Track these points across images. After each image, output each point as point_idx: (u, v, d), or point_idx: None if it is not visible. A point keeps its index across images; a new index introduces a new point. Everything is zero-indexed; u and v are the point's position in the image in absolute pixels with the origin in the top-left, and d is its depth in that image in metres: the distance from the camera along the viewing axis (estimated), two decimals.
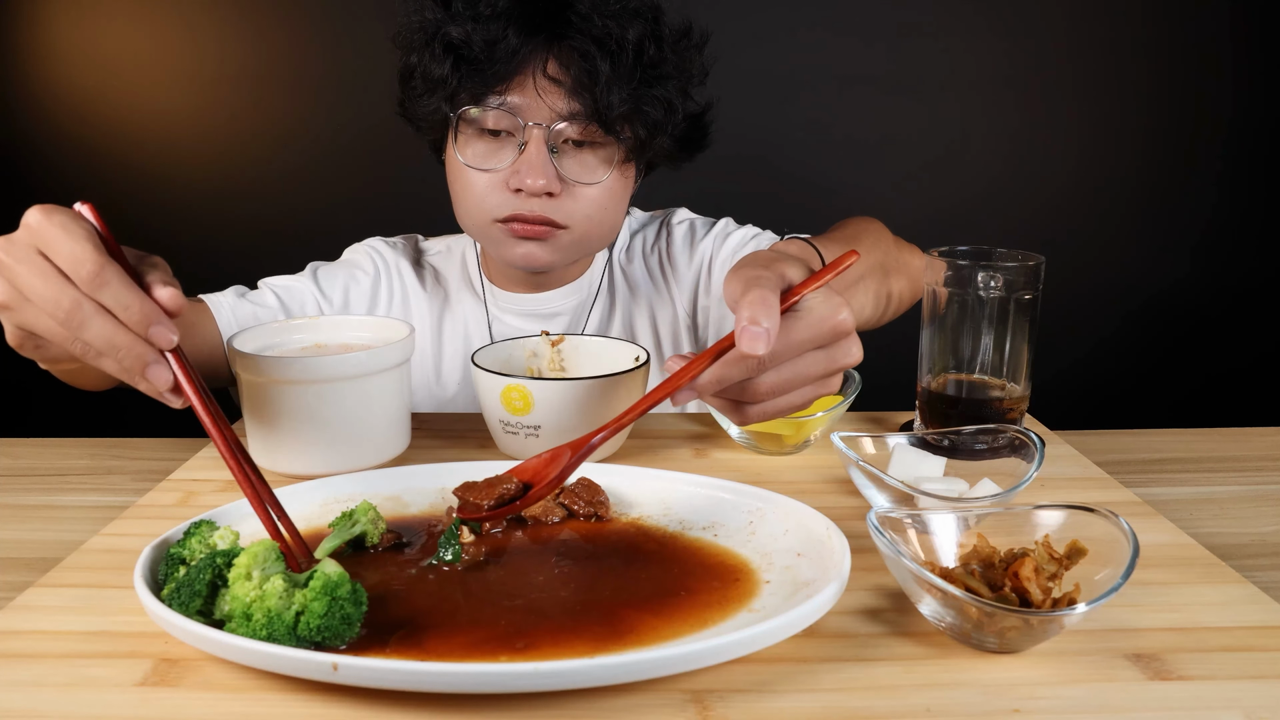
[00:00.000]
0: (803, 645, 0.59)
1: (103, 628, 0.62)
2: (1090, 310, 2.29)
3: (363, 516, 0.69)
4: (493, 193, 1.09)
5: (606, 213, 1.13)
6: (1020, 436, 0.78)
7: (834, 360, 0.71)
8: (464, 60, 1.05)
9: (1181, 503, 0.87)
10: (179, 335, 0.70)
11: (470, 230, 1.16)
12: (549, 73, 1.05)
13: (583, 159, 1.10)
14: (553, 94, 1.06)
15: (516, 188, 1.07)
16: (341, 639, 0.57)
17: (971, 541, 0.64)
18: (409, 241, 1.33)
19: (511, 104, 1.06)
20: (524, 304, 1.24)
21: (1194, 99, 2.22)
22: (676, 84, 1.09)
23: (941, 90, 2.21)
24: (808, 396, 0.72)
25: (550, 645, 0.58)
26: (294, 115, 2.20)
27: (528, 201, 1.08)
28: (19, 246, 0.69)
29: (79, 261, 0.67)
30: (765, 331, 0.64)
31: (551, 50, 1.05)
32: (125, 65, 2.18)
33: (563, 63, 1.05)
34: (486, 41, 1.03)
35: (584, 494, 0.76)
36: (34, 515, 0.87)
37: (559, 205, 1.09)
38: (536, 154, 1.06)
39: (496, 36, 1.03)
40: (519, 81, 1.06)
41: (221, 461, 0.90)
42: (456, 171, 1.12)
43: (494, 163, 1.09)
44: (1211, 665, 0.58)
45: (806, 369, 0.70)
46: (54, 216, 0.69)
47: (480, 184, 1.10)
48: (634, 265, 1.30)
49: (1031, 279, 0.86)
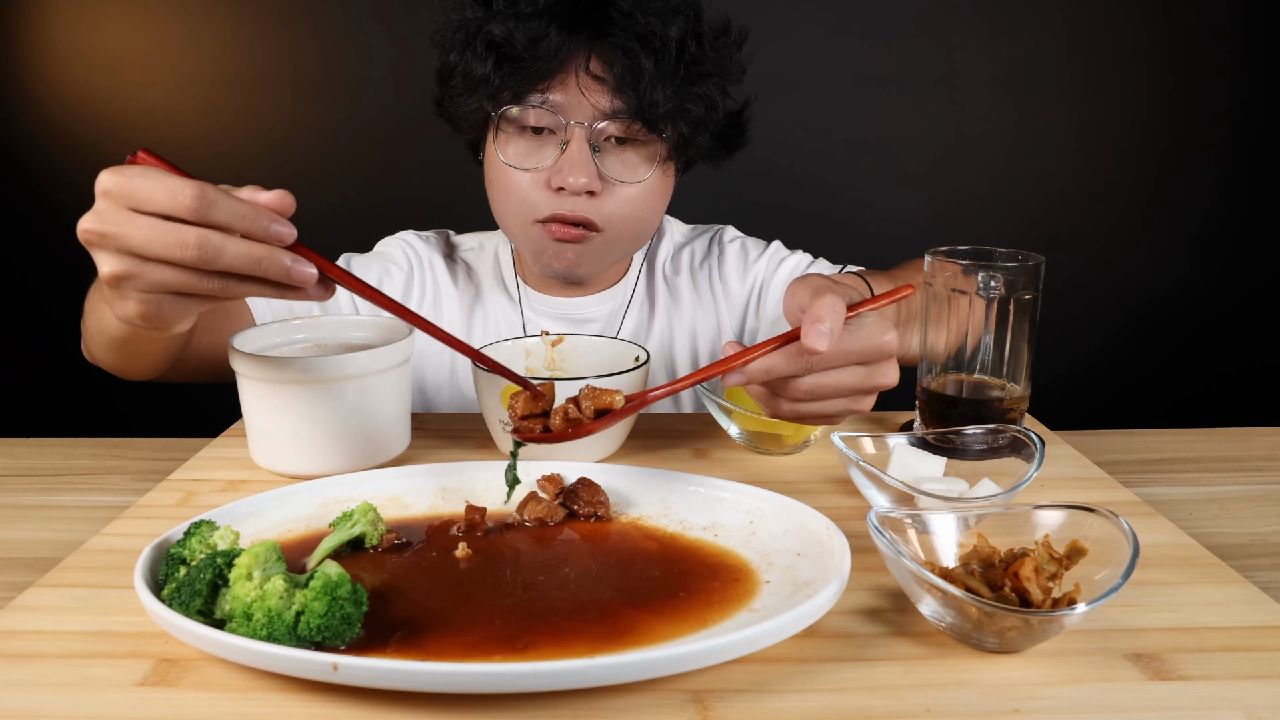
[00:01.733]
0: (803, 645, 0.59)
1: (103, 628, 0.62)
2: (1090, 310, 2.29)
3: (362, 517, 0.69)
4: (534, 191, 1.08)
5: (644, 212, 1.12)
6: (1020, 436, 0.78)
7: (872, 377, 0.75)
8: (506, 58, 1.04)
9: (1181, 503, 0.87)
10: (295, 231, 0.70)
11: (510, 230, 1.15)
12: (592, 70, 1.05)
13: (624, 158, 1.09)
14: (595, 92, 1.05)
15: (559, 186, 1.06)
16: (341, 639, 0.57)
17: (971, 541, 0.64)
18: (441, 236, 1.33)
19: (554, 102, 1.05)
20: (558, 307, 1.24)
21: (1193, 99, 2.22)
22: (717, 81, 1.09)
23: (941, 90, 2.21)
24: (840, 408, 0.77)
25: (550, 645, 0.58)
26: (295, 114, 2.20)
27: (568, 200, 1.07)
28: (110, 212, 0.67)
29: (177, 194, 0.65)
30: (829, 331, 0.70)
31: (594, 48, 1.05)
32: (125, 65, 2.18)
33: (605, 60, 1.04)
34: (529, 39, 1.02)
35: (584, 494, 0.76)
36: (34, 515, 0.87)
37: (599, 205, 1.08)
38: (579, 152, 1.05)
39: (539, 34, 1.02)
40: (561, 79, 1.05)
41: (222, 461, 0.91)
42: (496, 171, 1.11)
43: (535, 161, 1.08)
44: (1211, 665, 0.58)
45: (845, 380, 0.75)
46: (126, 171, 0.67)
47: (522, 183, 1.09)
48: (680, 277, 1.29)
49: (1031, 279, 0.86)
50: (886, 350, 0.75)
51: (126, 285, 0.69)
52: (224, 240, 0.66)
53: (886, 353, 0.75)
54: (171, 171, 0.67)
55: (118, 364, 1.01)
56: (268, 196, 0.70)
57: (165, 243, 0.66)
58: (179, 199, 0.65)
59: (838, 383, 0.75)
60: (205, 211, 0.66)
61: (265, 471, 0.88)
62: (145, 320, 0.72)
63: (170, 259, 0.66)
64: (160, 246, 0.66)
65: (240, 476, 0.87)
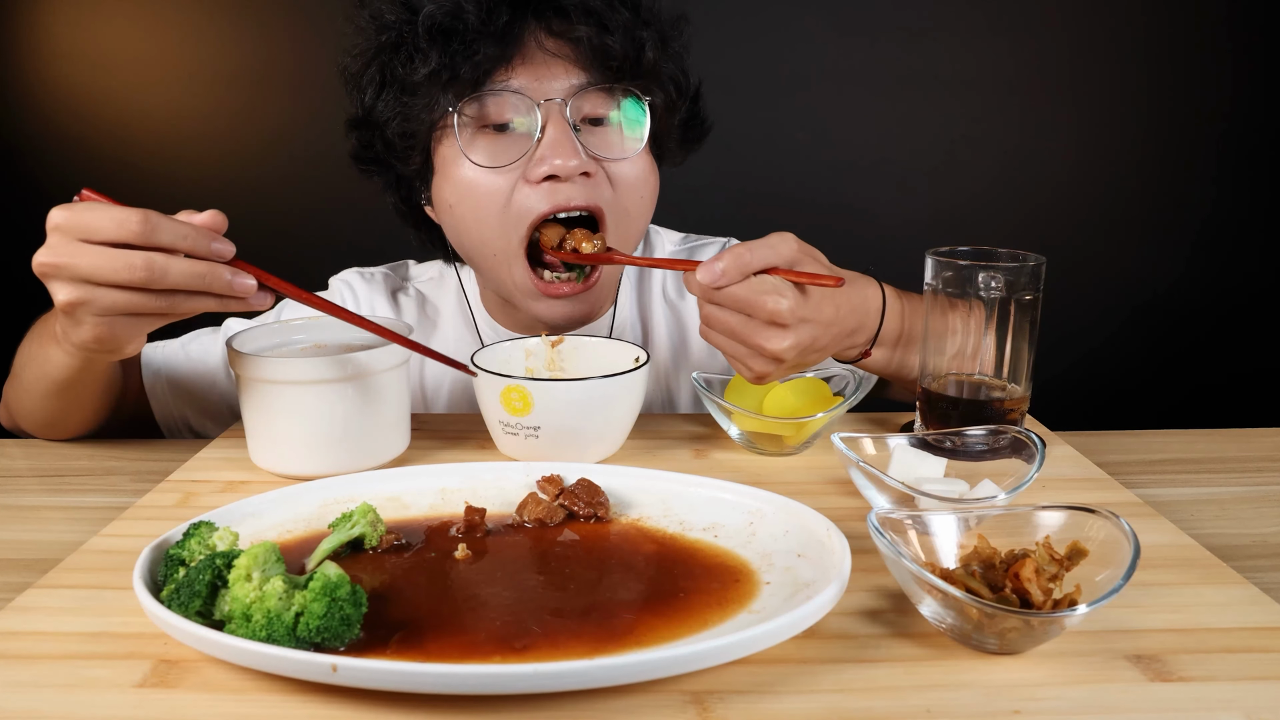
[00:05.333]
0: (803, 646, 0.59)
1: (102, 629, 0.62)
2: (1091, 311, 2.28)
3: (362, 518, 0.69)
4: (518, 194, 0.97)
5: (645, 199, 1.03)
6: (1021, 437, 0.78)
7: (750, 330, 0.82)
8: (455, 38, 0.93)
9: (1182, 503, 0.87)
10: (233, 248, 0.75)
11: (494, 265, 1.02)
12: (555, 31, 0.95)
13: (606, 137, 1.00)
14: (563, 61, 0.96)
15: (546, 175, 0.95)
16: (341, 640, 0.57)
17: (972, 542, 0.63)
18: (396, 271, 1.25)
19: (518, 85, 0.95)
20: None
21: (1194, 100, 2.21)
22: (676, 49, 1.03)
23: (941, 91, 2.21)
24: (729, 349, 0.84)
25: (550, 646, 0.58)
26: (294, 115, 2.20)
27: (562, 190, 0.96)
28: (61, 245, 0.72)
29: (123, 222, 0.71)
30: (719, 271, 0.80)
31: (550, 15, 0.96)
32: (124, 64, 2.18)
33: (565, 26, 0.95)
34: (479, 13, 0.92)
35: (584, 495, 0.76)
36: (33, 516, 0.87)
37: (597, 189, 0.98)
38: (560, 133, 0.95)
39: (488, 5, 0.93)
40: (521, 57, 0.95)
41: (221, 462, 0.91)
42: (464, 190, 0.99)
43: (509, 158, 0.97)
44: (1212, 666, 0.58)
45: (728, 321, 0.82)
46: (74, 207, 0.72)
47: (501, 189, 0.97)
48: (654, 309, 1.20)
49: (1032, 279, 0.86)
50: (768, 311, 0.80)
51: (81, 311, 0.74)
52: (168, 261, 0.72)
53: (768, 314, 0.80)
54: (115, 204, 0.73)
55: (54, 414, 0.99)
56: (203, 217, 0.75)
57: (115, 267, 0.71)
58: (126, 225, 0.71)
59: (723, 321, 0.82)
60: (150, 235, 0.71)
61: (264, 472, 0.88)
62: (99, 343, 0.77)
63: (120, 282, 0.72)
64: (110, 271, 0.71)
65: (239, 477, 0.87)
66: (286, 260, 1.30)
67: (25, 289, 2.02)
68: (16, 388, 1.01)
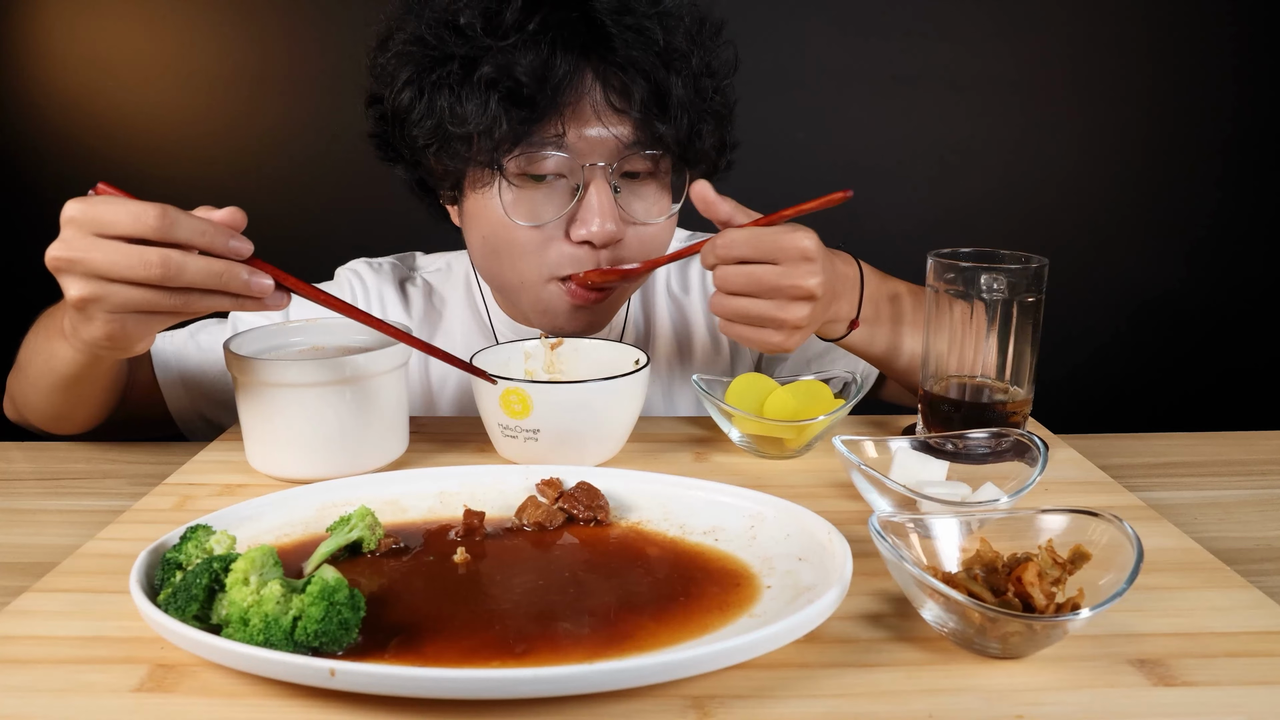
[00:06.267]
0: (804, 651, 0.59)
1: (98, 633, 0.61)
2: (1094, 312, 2.28)
3: (360, 521, 0.69)
4: (550, 248, 0.96)
5: (664, 247, 1.02)
6: (1023, 440, 0.78)
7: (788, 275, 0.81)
8: (513, 100, 0.88)
9: (1186, 507, 0.87)
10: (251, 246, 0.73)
11: (513, 291, 1.01)
12: (608, 98, 0.91)
13: (641, 193, 0.98)
14: (616, 124, 0.92)
15: (582, 240, 0.94)
16: (339, 644, 0.56)
17: (974, 546, 0.63)
18: (399, 261, 1.25)
19: (569, 144, 0.92)
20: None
21: (1197, 102, 2.21)
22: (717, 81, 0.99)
23: (943, 91, 2.20)
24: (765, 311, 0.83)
25: (549, 651, 0.57)
26: (292, 116, 2.20)
27: (592, 255, 0.96)
28: (76, 239, 0.71)
29: (140, 216, 0.69)
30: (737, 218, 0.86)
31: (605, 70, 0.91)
32: (121, 65, 2.18)
33: (617, 84, 0.91)
34: (534, 72, 0.87)
35: (583, 498, 0.75)
36: (29, 519, 0.86)
37: (621, 251, 0.97)
38: (602, 198, 0.93)
39: (543, 62, 0.87)
40: (572, 114, 0.91)
41: (218, 465, 0.90)
42: (494, 228, 0.97)
43: (548, 214, 0.95)
44: (1216, 671, 0.57)
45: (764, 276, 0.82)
46: (89, 199, 0.71)
47: (532, 241, 0.96)
48: (692, 295, 1.20)
49: (1035, 281, 0.86)
50: (799, 248, 0.81)
51: (93, 307, 0.73)
52: (185, 258, 0.70)
53: (799, 250, 0.81)
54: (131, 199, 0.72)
55: (60, 409, 0.98)
56: (221, 214, 0.74)
57: (130, 263, 0.70)
58: (143, 220, 0.69)
59: (747, 276, 0.82)
60: (169, 230, 0.70)
61: (262, 475, 0.87)
62: (110, 340, 0.75)
63: (135, 279, 0.70)
64: (125, 268, 0.70)
65: (237, 480, 0.87)
66: (284, 260, 1.30)
67: (20, 289, 2.02)
68: (22, 381, 1.00)
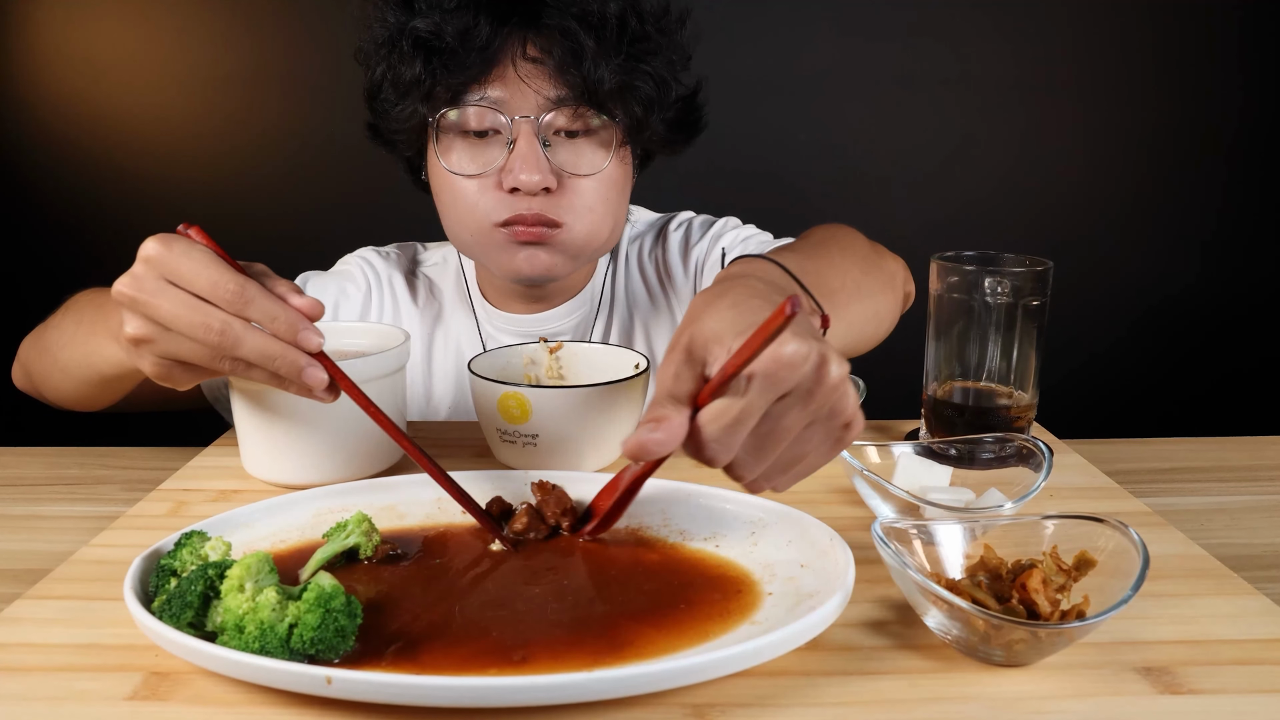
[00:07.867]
0: (806, 658, 0.58)
1: (92, 640, 0.61)
2: (1099, 316, 2.28)
3: (356, 528, 0.68)
4: (485, 197, 1.04)
5: (609, 205, 1.07)
6: (1028, 445, 0.77)
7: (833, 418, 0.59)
8: (436, 54, 0.99)
9: (1192, 513, 0.86)
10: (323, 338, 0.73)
11: (464, 243, 1.10)
12: (530, 55, 1.00)
13: (577, 149, 1.04)
14: (537, 80, 1.01)
15: (511, 187, 1.02)
16: (335, 652, 0.56)
17: (978, 552, 0.63)
18: (405, 251, 1.29)
19: (494, 98, 1.01)
20: (521, 324, 1.19)
21: (1202, 103, 2.21)
22: (663, 59, 1.05)
23: (946, 93, 2.20)
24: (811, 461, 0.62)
25: (548, 658, 0.57)
26: (289, 117, 2.19)
27: (524, 201, 1.03)
28: (148, 280, 0.71)
29: (219, 285, 0.70)
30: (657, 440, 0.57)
31: (528, 35, 1.01)
32: (116, 66, 2.18)
33: (542, 45, 1.00)
34: (458, 32, 0.98)
35: (554, 504, 0.74)
36: (22, 525, 0.86)
37: (557, 202, 1.04)
38: (528, 148, 1.01)
39: (468, 25, 0.98)
40: (499, 72, 1.01)
41: (213, 471, 0.90)
42: (442, 183, 1.07)
43: (482, 165, 1.04)
44: (1223, 679, 0.57)
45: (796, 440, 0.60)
46: (174, 245, 0.71)
47: (470, 190, 1.04)
48: (631, 276, 1.25)
49: (1039, 284, 0.85)
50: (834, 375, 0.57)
51: (145, 348, 0.74)
52: (245, 331, 0.71)
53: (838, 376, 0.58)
54: (217, 252, 0.72)
55: (90, 398, 0.99)
56: (301, 302, 0.74)
57: (191, 321, 0.70)
58: (219, 290, 0.70)
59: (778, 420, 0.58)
60: (242, 308, 0.71)
61: (258, 481, 0.87)
62: (154, 377, 0.77)
63: (193, 337, 0.71)
64: (186, 325, 0.71)
65: (232, 486, 0.87)
66: (283, 260, 1.30)
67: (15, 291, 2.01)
68: (48, 364, 1.00)
